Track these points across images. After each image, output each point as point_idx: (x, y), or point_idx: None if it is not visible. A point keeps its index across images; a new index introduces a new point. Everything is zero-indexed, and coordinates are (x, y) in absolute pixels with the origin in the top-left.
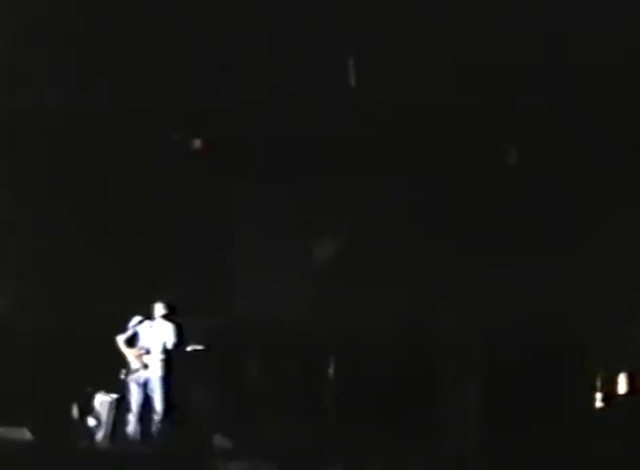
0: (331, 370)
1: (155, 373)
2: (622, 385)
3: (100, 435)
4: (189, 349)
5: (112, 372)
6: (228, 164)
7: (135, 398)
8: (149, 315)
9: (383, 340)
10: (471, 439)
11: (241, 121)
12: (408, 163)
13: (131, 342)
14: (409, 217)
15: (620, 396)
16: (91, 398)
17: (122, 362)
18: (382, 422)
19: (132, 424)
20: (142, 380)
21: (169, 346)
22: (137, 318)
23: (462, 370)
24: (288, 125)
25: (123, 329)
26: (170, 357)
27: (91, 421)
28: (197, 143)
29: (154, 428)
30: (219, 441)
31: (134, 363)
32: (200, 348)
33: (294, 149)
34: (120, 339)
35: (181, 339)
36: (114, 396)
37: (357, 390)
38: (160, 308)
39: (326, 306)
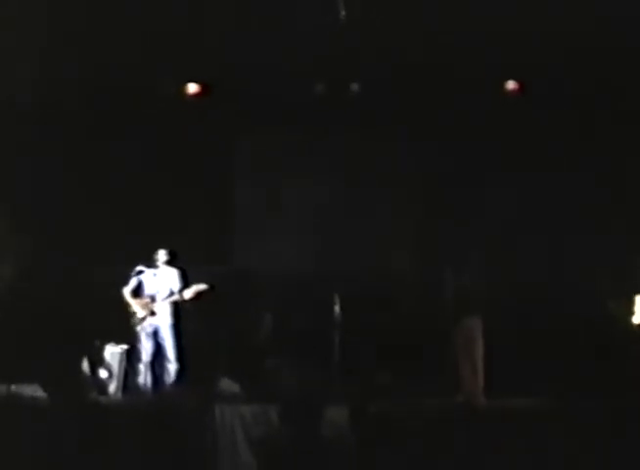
0: (336, 313)
1: (164, 321)
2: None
3: (112, 387)
4: (193, 289)
5: (120, 323)
6: (228, 113)
7: (145, 347)
8: (150, 264)
9: (385, 284)
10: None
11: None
12: (410, 115)
13: (137, 292)
14: (412, 168)
15: None
16: (101, 350)
17: (130, 313)
18: (387, 364)
19: (143, 374)
20: (151, 329)
21: (175, 291)
22: (139, 268)
23: (465, 313)
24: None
25: (127, 280)
26: (178, 304)
27: (103, 373)
28: (193, 87)
29: (166, 376)
30: (227, 385)
31: (141, 313)
32: (204, 287)
33: (294, 98)
34: (126, 290)
35: (186, 283)
36: (124, 346)
37: (362, 332)
38: (162, 255)
39: (327, 253)
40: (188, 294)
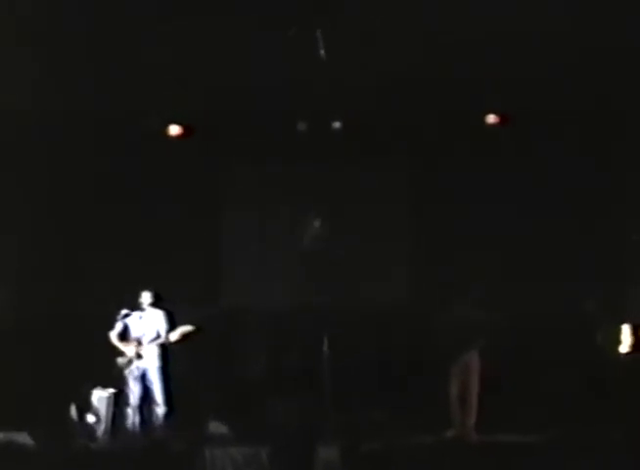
0: (325, 351)
1: (152, 364)
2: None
3: (100, 431)
4: (179, 330)
5: (107, 367)
6: (214, 149)
7: (133, 391)
8: (135, 307)
9: (375, 319)
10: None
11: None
12: (395, 145)
13: (123, 335)
14: (396, 199)
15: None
16: (89, 394)
17: (117, 357)
18: (379, 402)
19: (131, 418)
20: (138, 372)
21: (162, 333)
22: (125, 311)
23: (462, 346)
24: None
25: (113, 322)
26: (165, 346)
27: (90, 418)
28: (175, 129)
29: (154, 419)
30: (216, 427)
31: (128, 356)
32: (190, 328)
33: (278, 133)
34: (113, 334)
35: (172, 325)
36: (112, 390)
37: (353, 369)
38: (147, 297)
39: (316, 289)
40: (174, 336)
